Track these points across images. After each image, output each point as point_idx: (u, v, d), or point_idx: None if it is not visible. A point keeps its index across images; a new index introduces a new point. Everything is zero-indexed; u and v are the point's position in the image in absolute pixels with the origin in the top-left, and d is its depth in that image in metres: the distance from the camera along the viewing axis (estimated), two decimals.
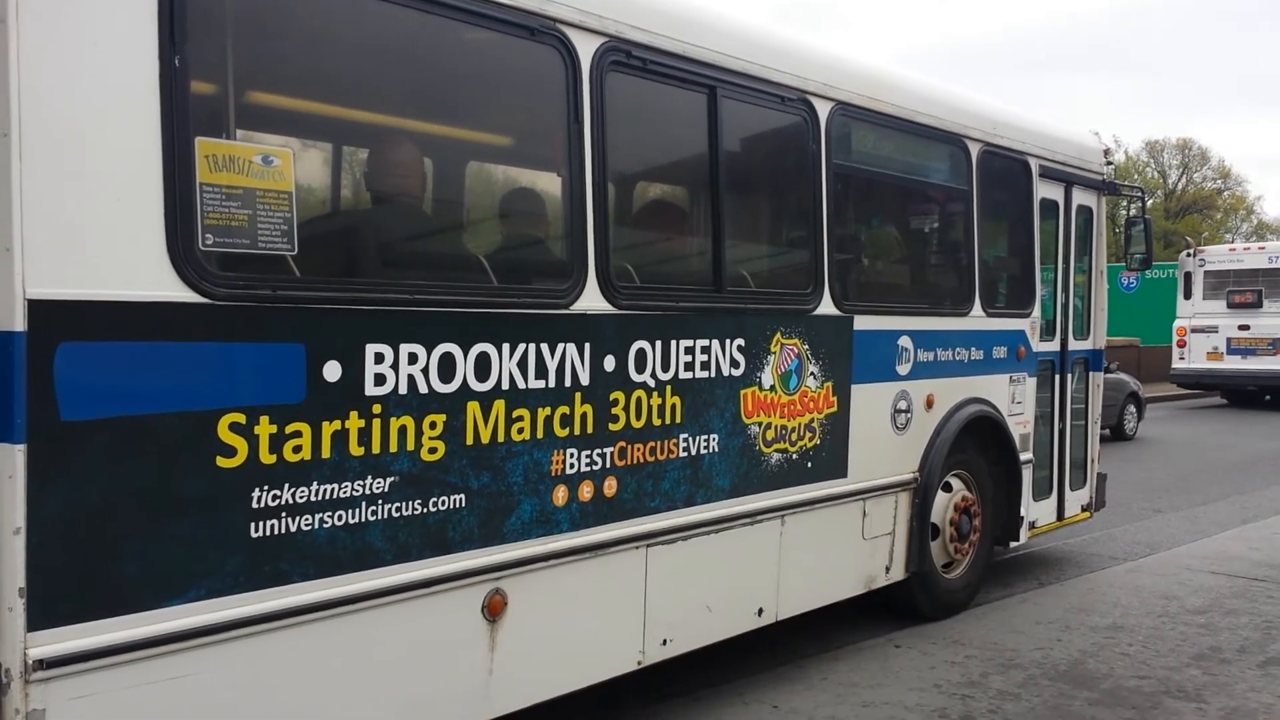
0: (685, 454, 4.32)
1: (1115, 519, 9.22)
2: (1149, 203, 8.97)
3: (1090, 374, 7.80)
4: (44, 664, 2.56)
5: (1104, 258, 7.98)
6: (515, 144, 4.26)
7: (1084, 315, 7.75)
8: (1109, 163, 7.98)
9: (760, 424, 4.67)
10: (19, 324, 2.50)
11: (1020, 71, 76.72)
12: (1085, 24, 78.24)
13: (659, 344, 4.16)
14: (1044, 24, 78.77)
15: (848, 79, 5.17)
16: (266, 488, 2.97)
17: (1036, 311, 6.83)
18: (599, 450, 3.95)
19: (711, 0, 4.52)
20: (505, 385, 3.61)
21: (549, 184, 4.09)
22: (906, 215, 6.14)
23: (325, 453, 3.10)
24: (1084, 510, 7.82)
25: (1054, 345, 7.27)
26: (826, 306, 5.02)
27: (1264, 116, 77.61)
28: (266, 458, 2.97)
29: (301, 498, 3.05)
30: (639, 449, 4.11)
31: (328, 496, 3.12)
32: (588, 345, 3.88)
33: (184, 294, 2.79)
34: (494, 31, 3.63)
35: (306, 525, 3.07)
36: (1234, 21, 76.52)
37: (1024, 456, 6.71)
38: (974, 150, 6.12)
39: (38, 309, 2.52)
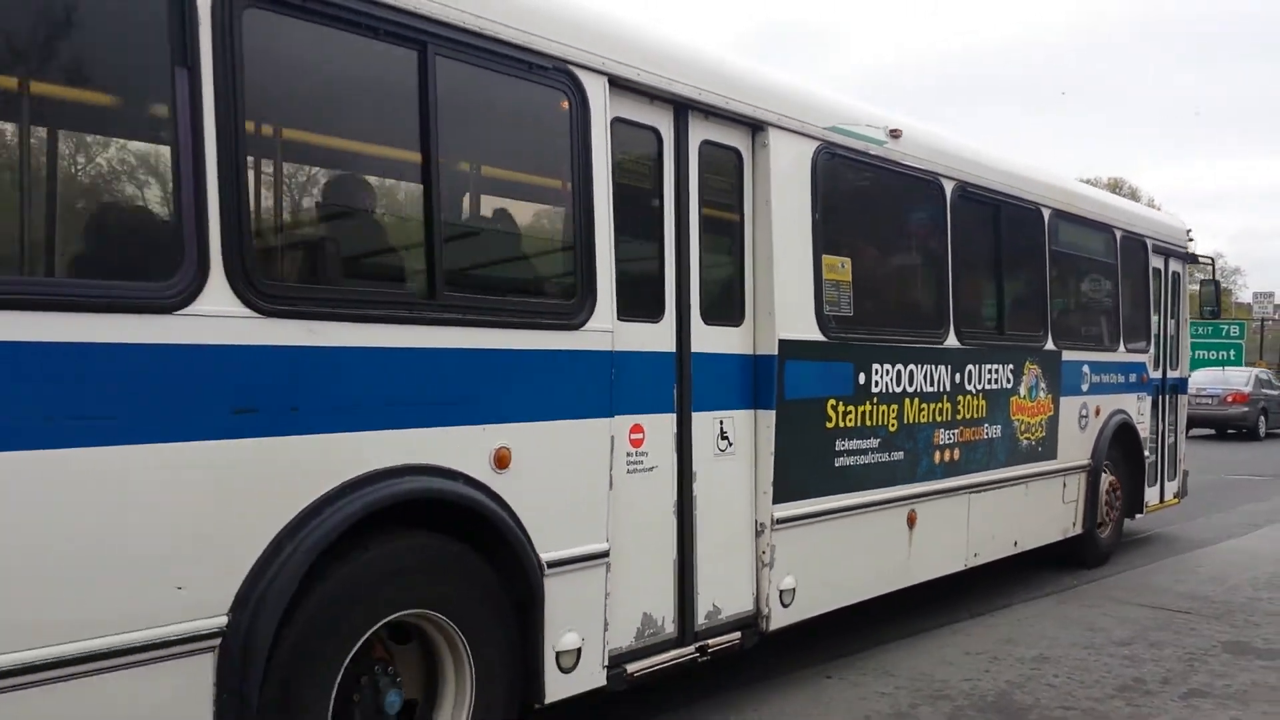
0: (986, 437, 6.92)
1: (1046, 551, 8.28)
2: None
3: (1179, 395, 10.47)
4: (777, 521, 5.11)
5: (1187, 310, 10.69)
6: (914, 247, 6.79)
7: (1175, 353, 10.43)
8: (1190, 239, 10.69)
9: (1019, 420, 7.28)
10: (776, 351, 5.08)
11: (948, 103, 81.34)
12: (1017, 59, 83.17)
13: (977, 366, 6.77)
14: (971, 57, 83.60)
15: (1060, 192, 7.87)
16: (840, 440, 5.55)
17: (1152, 349, 9.51)
18: (952, 431, 6.54)
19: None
20: (916, 389, 6.19)
21: (934, 272, 6.66)
22: (1083, 280, 8.77)
23: (856, 423, 5.68)
24: (1175, 496, 10.47)
25: (1158, 374, 9.94)
26: (1049, 344, 7.65)
27: (1189, 155, 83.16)
28: (841, 423, 5.55)
29: (850, 447, 5.63)
30: (968, 431, 6.71)
31: (858, 447, 5.69)
32: (949, 366, 6.48)
33: (820, 337, 5.38)
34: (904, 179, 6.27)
35: (851, 462, 5.65)
36: (1167, 61, 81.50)
37: (1147, 454, 9.36)
38: (1118, 235, 8.81)
39: (781, 344, 5.11)
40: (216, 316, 2.98)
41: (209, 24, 2.97)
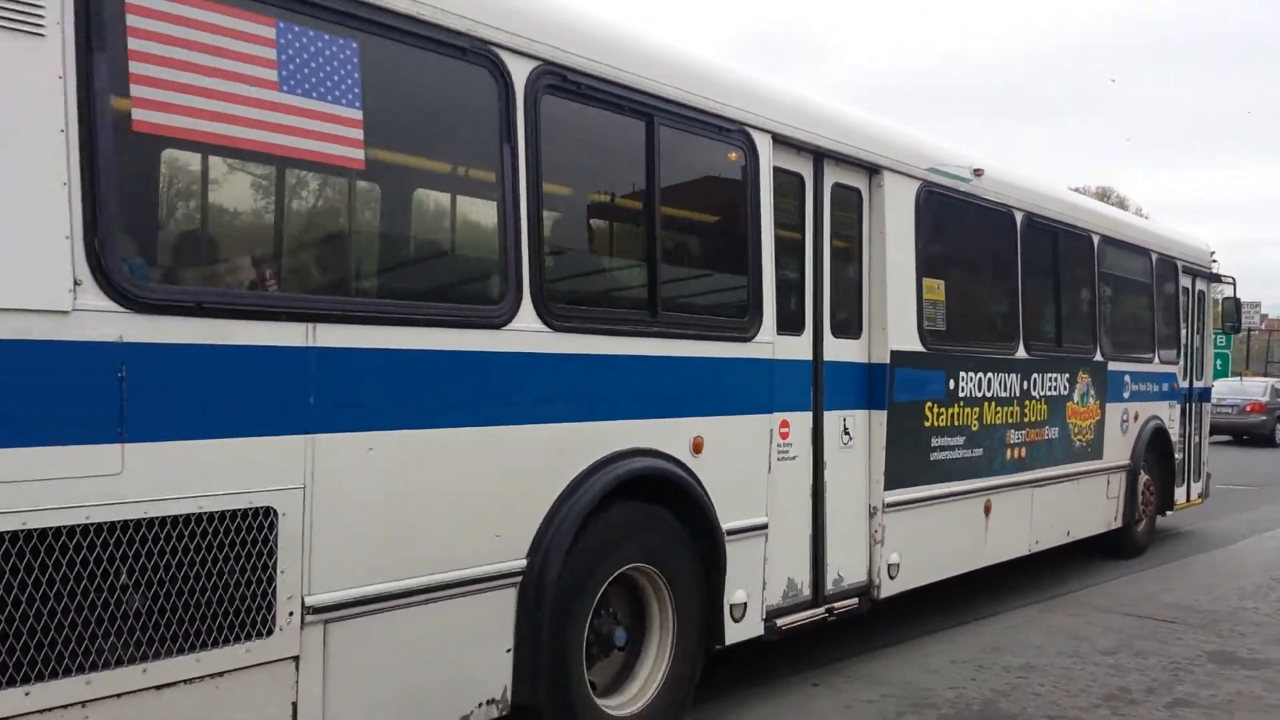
0: (1047, 437, 7.83)
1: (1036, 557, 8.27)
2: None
3: (1204, 403, 11.40)
4: (886, 505, 6.02)
5: (1210, 325, 11.64)
6: (992, 270, 7.74)
7: (1200, 364, 11.36)
8: (1214, 260, 11.64)
9: (1073, 423, 8.20)
10: (888, 360, 6.00)
11: (941, 104, 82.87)
12: (1011, 70, 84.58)
13: (1041, 375, 7.69)
14: (968, 60, 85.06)
15: (1107, 220, 8.81)
16: (934, 437, 6.46)
17: (1182, 360, 10.44)
18: (1021, 431, 7.45)
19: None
20: (993, 394, 7.11)
21: (1007, 292, 7.58)
22: (1125, 298, 9.70)
23: (947, 423, 6.59)
24: (1199, 497, 11.39)
25: (1186, 383, 10.86)
26: (1098, 356, 8.58)
27: (1177, 165, 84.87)
28: (935, 423, 6.46)
29: (942, 443, 6.54)
30: (1033, 432, 7.62)
31: (948, 444, 6.61)
32: (1019, 374, 7.40)
33: (921, 349, 6.30)
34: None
35: (942, 456, 6.56)
36: (1162, 68, 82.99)
37: (1178, 456, 10.28)
38: (1153, 258, 9.74)
39: (892, 354, 6.02)
40: (527, 331, 3.91)
41: (522, 106, 3.90)
